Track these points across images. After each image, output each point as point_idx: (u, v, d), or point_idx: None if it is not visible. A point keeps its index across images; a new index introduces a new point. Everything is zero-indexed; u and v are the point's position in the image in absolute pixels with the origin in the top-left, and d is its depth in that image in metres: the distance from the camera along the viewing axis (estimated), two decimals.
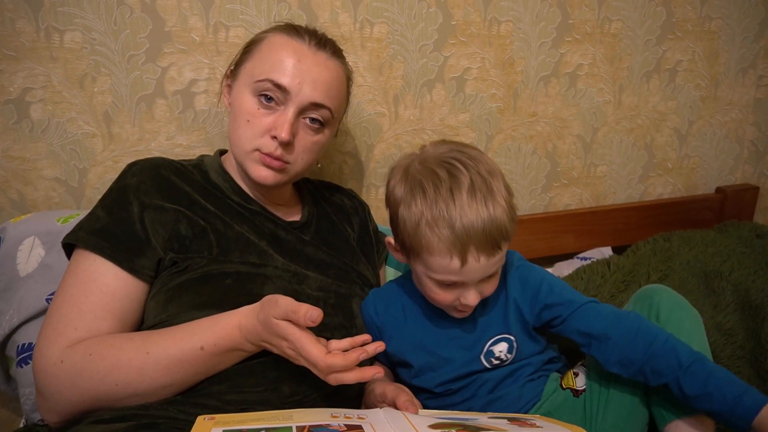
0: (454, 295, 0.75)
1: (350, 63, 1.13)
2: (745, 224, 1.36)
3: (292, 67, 0.77)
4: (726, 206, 1.50)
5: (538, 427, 0.62)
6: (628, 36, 1.34)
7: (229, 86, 0.86)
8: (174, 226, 0.74)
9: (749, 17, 1.43)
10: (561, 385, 0.83)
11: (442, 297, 0.75)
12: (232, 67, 0.86)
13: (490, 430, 0.57)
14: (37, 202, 1.04)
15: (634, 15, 1.33)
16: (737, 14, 1.41)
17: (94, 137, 1.04)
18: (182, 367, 0.65)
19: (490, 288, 0.77)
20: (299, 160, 0.81)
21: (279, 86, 0.76)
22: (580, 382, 0.83)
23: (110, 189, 0.77)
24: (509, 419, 0.66)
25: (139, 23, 1.00)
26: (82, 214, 0.95)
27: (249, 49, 0.83)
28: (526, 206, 1.39)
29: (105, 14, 0.98)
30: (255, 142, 0.78)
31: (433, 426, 0.58)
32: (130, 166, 0.79)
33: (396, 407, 0.68)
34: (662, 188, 1.51)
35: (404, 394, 0.70)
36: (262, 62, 0.78)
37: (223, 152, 0.92)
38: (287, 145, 0.78)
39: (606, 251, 1.39)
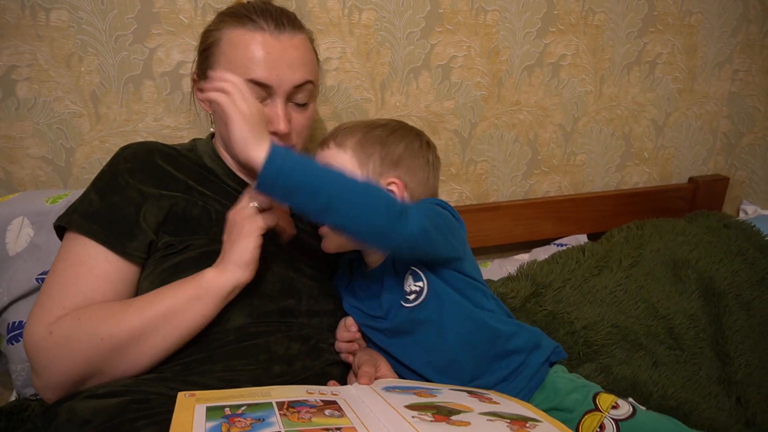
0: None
1: (338, 49, 1.15)
2: (714, 214, 1.41)
3: (263, 60, 0.77)
4: (697, 196, 1.56)
5: (495, 402, 0.66)
6: (611, 28, 1.37)
7: (202, 90, 0.85)
8: (170, 210, 0.75)
9: (727, 12, 1.46)
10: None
11: None
12: (195, 70, 0.86)
13: (462, 411, 0.61)
14: (23, 181, 1.04)
15: (617, 7, 1.35)
16: (716, 9, 1.45)
17: (81, 117, 1.04)
18: (155, 301, 0.68)
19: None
20: (300, 140, 0.85)
21: (259, 83, 0.77)
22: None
23: (103, 172, 0.78)
24: (468, 392, 0.70)
25: (127, 3, 1.00)
26: (71, 194, 0.96)
27: (209, 52, 0.81)
28: (506, 192, 1.43)
29: None
30: None
31: (409, 406, 0.62)
32: (123, 149, 0.80)
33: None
34: (638, 177, 1.56)
35: (365, 366, 0.74)
36: (232, 64, 0.78)
37: (214, 134, 0.92)
38: (286, 134, 0.81)
39: (582, 238, 1.44)
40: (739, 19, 1.48)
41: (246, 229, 0.68)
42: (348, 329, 0.83)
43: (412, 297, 0.77)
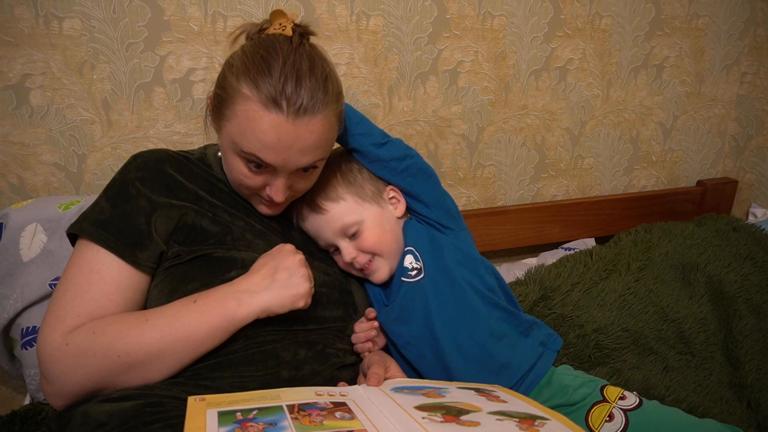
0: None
1: (346, 55, 1.16)
2: (723, 217, 1.41)
3: (274, 146, 0.72)
4: (706, 199, 1.56)
5: (503, 401, 0.66)
6: (618, 32, 1.37)
7: (213, 114, 0.80)
8: (180, 220, 0.76)
9: (735, 15, 1.46)
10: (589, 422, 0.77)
11: None
12: (212, 96, 0.79)
13: (471, 411, 0.61)
14: (36, 187, 1.06)
15: (624, 11, 1.35)
16: (723, 12, 1.45)
17: (93, 124, 1.05)
18: (175, 324, 0.68)
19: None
20: (299, 193, 0.83)
21: (265, 163, 0.74)
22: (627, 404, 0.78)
23: (114, 180, 0.78)
24: (476, 390, 0.70)
25: (138, 11, 1.01)
26: (83, 200, 0.97)
27: (224, 101, 0.74)
28: (514, 196, 1.43)
29: (104, 2, 0.99)
30: (252, 192, 0.79)
31: (418, 407, 0.62)
32: (134, 158, 0.80)
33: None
34: (646, 180, 1.56)
35: (374, 366, 0.74)
36: (242, 134, 0.72)
37: None
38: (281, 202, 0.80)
39: (590, 242, 1.44)
40: (746, 21, 1.48)
41: (297, 288, 0.70)
42: (366, 316, 0.85)
43: (413, 273, 0.84)
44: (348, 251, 0.83)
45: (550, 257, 1.36)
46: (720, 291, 1.16)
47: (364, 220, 0.83)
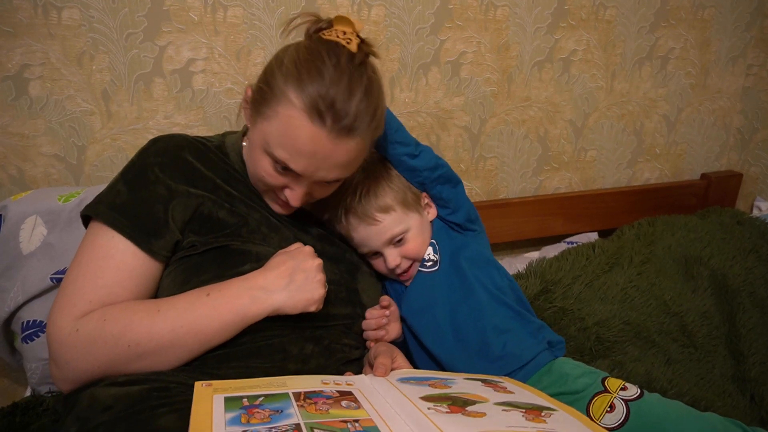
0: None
1: None
2: (727, 210, 1.40)
3: (308, 156, 0.72)
4: (710, 192, 1.55)
5: (509, 392, 0.66)
6: (622, 23, 1.35)
7: (248, 109, 0.79)
8: (197, 210, 0.75)
9: (741, 7, 1.44)
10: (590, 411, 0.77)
11: None
12: (253, 87, 0.77)
13: (477, 402, 0.61)
14: (36, 178, 1.05)
15: (629, 2, 1.34)
16: (730, 4, 1.43)
17: (92, 115, 1.05)
18: (187, 317, 0.68)
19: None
20: (314, 199, 0.82)
21: (292, 169, 0.74)
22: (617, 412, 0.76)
23: (132, 164, 0.77)
24: (482, 381, 0.70)
25: (138, 1, 1.00)
26: (83, 191, 0.97)
27: (266, 100, 0.73)
28: (516, 189, 1.42)
29: None
30: (269, 189, 0.79)
31: (424, 398, 0.62)
32: (153, 142, 0.79)
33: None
34: (649, 173, 1.55)
35: (381, 357, 0.75)
36: (278, 138, 0.72)
37: (246, 132, 0.88)
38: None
39: (592, 236, 1.43)
40: (753, 13, 1.46)
41: (312, 293, 0.70)
42: (380, 304, 0.85)
43: (429, 264, 0.88)
44: (392, 258, 0.86)
45: (552, 251, 1.35)
46: (723, 284, 1.15)
47: (410, 228, 0.86)
